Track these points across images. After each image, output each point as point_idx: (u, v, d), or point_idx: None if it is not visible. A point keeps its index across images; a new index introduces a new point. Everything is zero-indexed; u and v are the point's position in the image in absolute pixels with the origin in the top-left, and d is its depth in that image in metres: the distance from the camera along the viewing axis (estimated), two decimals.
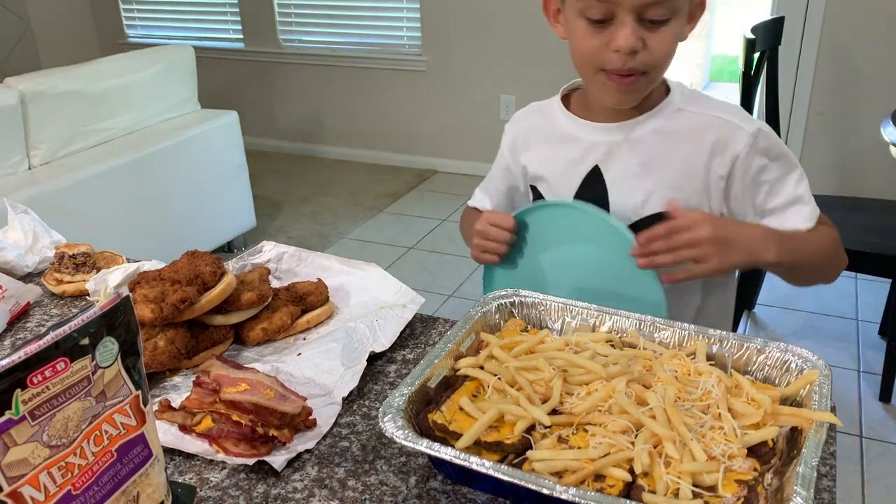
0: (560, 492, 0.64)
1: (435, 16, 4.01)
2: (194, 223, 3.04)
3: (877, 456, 2.04)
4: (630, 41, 0.93)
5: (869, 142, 3.20)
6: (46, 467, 0.57)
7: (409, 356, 1.02)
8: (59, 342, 0.56)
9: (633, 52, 0.94)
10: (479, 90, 4.05)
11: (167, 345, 0.96)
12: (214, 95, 3.91)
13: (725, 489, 0.68)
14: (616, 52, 0.95)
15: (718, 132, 1.03)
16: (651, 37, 0.94)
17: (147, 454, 0.67)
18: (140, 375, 0.66)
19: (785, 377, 0.83)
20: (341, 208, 3.84)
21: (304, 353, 1.00)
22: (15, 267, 1.26)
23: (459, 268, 3.14)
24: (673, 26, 0.95)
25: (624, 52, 0.94)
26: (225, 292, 1.02)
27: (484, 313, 0.95)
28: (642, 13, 0.93)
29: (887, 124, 2.22)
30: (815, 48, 3.27)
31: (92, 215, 2.58)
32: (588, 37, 0.97)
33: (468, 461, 0.68)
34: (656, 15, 0.93)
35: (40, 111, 2.53)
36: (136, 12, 4.86)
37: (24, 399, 0.55)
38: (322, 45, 4.41)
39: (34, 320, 1.14)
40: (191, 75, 3.16)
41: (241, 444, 0.81)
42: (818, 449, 0.68)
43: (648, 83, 1.00)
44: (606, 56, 0.96)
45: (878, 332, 2.57)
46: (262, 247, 1.25)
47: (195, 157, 3.02)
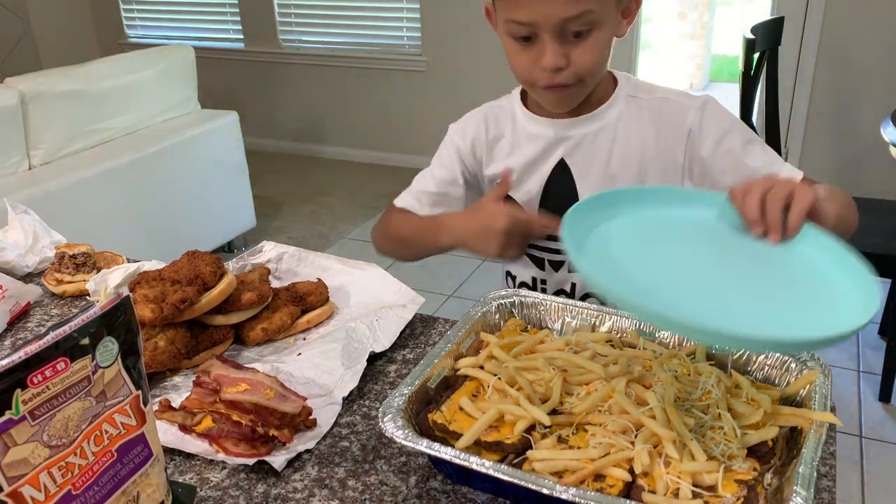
0: (560, 492, 0.64)
1: (435, 16, 4.01)
2: (194, 223, 3.04)
3: (877, 456, 2.04)
4: (552, 60, 0.96)
5: (869, 142, 3.20)
6: (46, 467, 0.57)
7: (409, 356, 1.02)
8: (59, 342, 0.56)
9: (558, 70, 0.97)
10: (479, 90, 4.04)
11: (167, 345, 0.96)
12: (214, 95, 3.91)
13: (725, 489, 0.68)
14: (542, 70, 0.98)
15: (669, 112, 1.07)
16: (575, 51, 0.97)
17: (147, 454, 0.67)
18: (140, 375, 0.66)
19: (785, 377, 0.83)
20: (341, 208, 3.84)
21: (304, 353, 1.00)
22: (15, 267, 1.26)
23: (459, 268, 3.14)
24: (597, 36, 0.97)
25: (549, 70, 0.97)
26: (225, 292, 1.02)
27: (484, 313, 0.95)
28: (563, 30, 0.95)
29: (887, 124, 2.22)
30: (815, 48, 3.27)
31: (92, 215, 2.58)
32: (517, 55, 1.01)
33: (468, 461, 0.68)
34: (577, 27, 0.95)
35: (40, 111, 2.53)
36: (136, 12, 4.86)
37: (25, 399, 0.55)
38: (322, 45, 4.41)
39: (34, 320, 1.14)
40: (191, 75, 3.16)
41: (241, 444, 0.81)
42: (818, 449, 0.68)
43: (582, 89, 1.03)
44: (536, 73, 0.99)
45: (878, 332, 2.57)
46: (262, 247, 1.25)
47: (195, 158, 3.02)
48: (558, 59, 0.96)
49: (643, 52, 3.89)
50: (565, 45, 0.96)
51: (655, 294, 0.71)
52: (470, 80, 4.05)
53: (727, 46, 6.09)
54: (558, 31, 0.95)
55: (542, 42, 0.96)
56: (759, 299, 0.74)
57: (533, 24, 0.95)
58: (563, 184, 1.10)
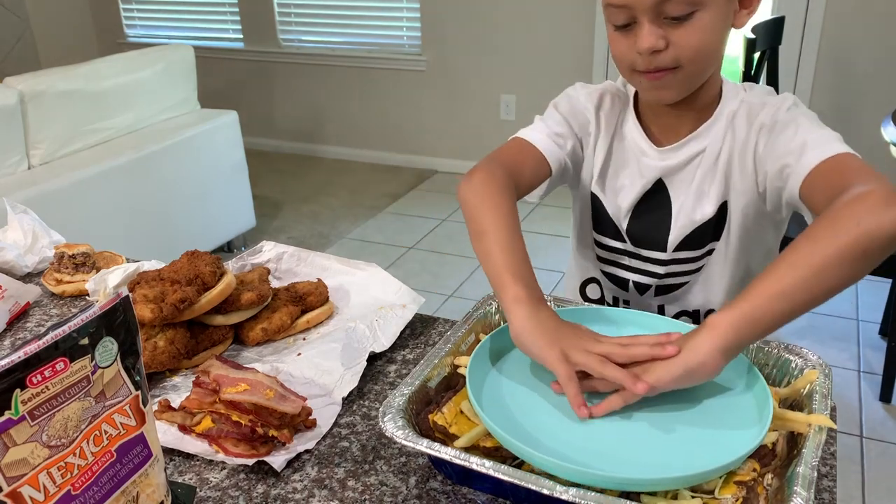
0: (560, 492, 0.64)
1: (435, 16, 4.01)
2: (194, 223, 3.04)
3: (877, 456, 2.04)
4: (648, 42, 0.91)
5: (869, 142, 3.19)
6: (46, 467, 0.57)
7: (409, 356, 1.02)
8: (58, 342, 0.56)
9: (655, 52, 0.92)
10: (479, 90, 4.05)
11: (167, 345, 0.96)
12: (214, 95, 3.91)
13: (725, 490, 0.68)
14: (639, 53, 0.94)
15: (748, 115, 1.01)
16: (675, 33, 0.92)
17: (147, 454, 0.66)
18: (140, 375, 0.66)
19: (785, 377, 0.83)
20: (341, 208, 3.84)
21: (303, 353, 1.00)
22: (14, 267, 1.26)
23: (459, 268, 3.14)
24: (701, 18, 0.91)
25: (645, 53, 0.93)
26: (225, 292, 1.02)
27: (484, 313, 0.95)
28: (660, 11, 0.91)
29: (887, 124, 2.22)
30: (815, 48, 3.27)
31: (91, 215, 2.58)
32: (617, 42, 0.97)
33: (468, 461, 0.68)
34: (676, 11, 0.91)
35: (40, 111, 2.53)
36: (135, 12, 4.86)
37: (24, 399, 0.54)
38: (322, 45, 4.41)
39: (34, 320, 1.14)
40: (191, 75, 3.16)
41: (240, 445, 0.81)
42: (818, 449, 0.68)
43: (685, 77, 0.97)
44: (634, 58, 0.95)
45: (879, 332, 2.57)
46: (262, 247, 1.25)
47: (195, 157, 3.02)
48: (656, 41, 0.91)
49: None
50: (666, 27, 0.92)
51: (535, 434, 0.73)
52: (470, 80, 4.05)
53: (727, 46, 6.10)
54: (655, 13, 0.90)
55: (639, 25, 0.92)
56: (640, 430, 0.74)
57: (629, 6, 0.91)
58: (659, 203, 1.07)
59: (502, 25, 3.84)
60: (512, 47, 3.86)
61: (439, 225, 3.58)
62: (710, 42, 0.94)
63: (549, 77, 3.81)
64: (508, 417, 0.76)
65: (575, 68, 3.71)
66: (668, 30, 0.92)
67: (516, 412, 0.76)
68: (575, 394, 0.75)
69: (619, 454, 0.70)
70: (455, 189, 1.04)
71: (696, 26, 0.92)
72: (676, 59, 0.93)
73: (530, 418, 0.75)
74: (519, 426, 0.74)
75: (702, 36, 0.92)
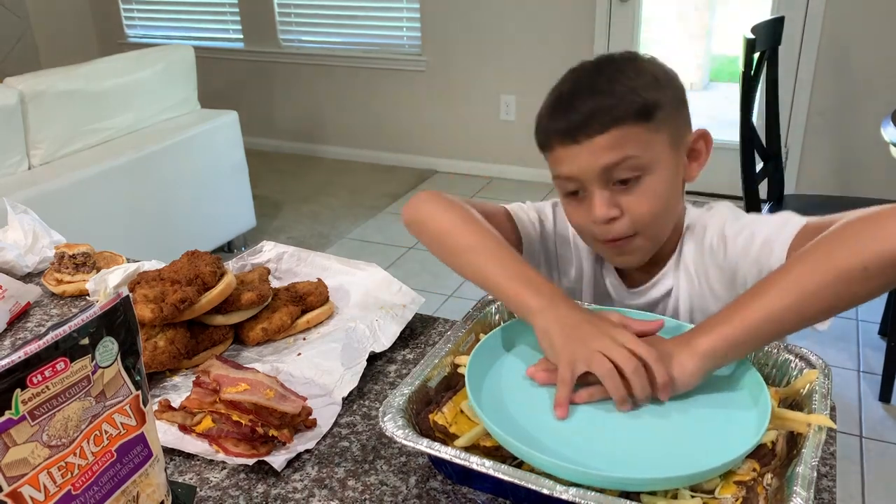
0: (560, 492, 0.64)
1: (435, 16, 4.01)
2: (194, 223, 3.04)
3: (877, 456, 2.04)
4: (601, 211, 0.90)
5: (869, 142, 3.20)
6: (46, 467, 0.57)
7: (409, 356, 1.02)
8: (58, 342, 0.56)
9: (611, 220, 0.91)
10: (479, 90, 4.05)
11: (167, 345, 0.96)
12: (214, 95, 3.91)
13: (725, 490, 0.68)
14: (595, 223, 0.93)
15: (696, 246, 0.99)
16: (626, 200, 0.91)
17: (147, 454, 0.67)
18: (140, 375, 0.66)
19: (785, 377, 0.83)
20: (341, 208, 3.84)
21: (303, 353, 1.00)
22: (15, 267, 1.26)
23: None
24: (649, 183, 0.90)
25: (600, 222, 0.91)
26: (225, 292, 1.02)
27: (484, 313, 0.95)
28: (608, 178, 0.90)
29: (887, 124, 2.22)
30: (815, 48, 3.27)
31: (91, 215, 2.58)
32: (573, 212, 0.96)
33: (468, 460, 0.68)
34: (623, 175, 0.89)
35: (40, 111, 2.53)
36: (135, 12, 4.86)
37: (24, 399, 0.55)
38: (322, 45, 4.41)
39: (34, 320, 1.14)
40: (191, 75, 3.15)
41: (241, 444, 0.81)
42: (818, 449, 0.68)
43: (645, 241, 0.95)
44: (592, 228, 0.94)
45: (878, 332, 2.57)
46: (262, 247, 1.25)
47: (195, 157, 3.02)
48: (608, 209, 0.90)
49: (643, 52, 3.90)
50: (616, 194, 0.91)
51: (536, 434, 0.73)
52: (470, 80, 4.05)
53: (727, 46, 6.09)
54: (603, 180, 0.90)
55: (589, 195, 0.91)
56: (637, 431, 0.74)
57: (576, 177, 0.91)
58: None
59: (502, 25, 3.84)
60: (512, 47, 3.86)
61: None
62: (662, 205, 0.93)
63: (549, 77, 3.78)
64: (508, 417, 0.76)
65: None
66: (619, 197, 0.91)
67: (515, 412, 0.76)
68: (563, 396, 0.75)
69: (619, 454, 0.70)
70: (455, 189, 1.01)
71: (646, 192, 0.90)
72: (633, 227, 0.92)
73: (530, 418, 0.75)
74: (518, 426, 0.74)
75: (653, 201, 0.91)
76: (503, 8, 3.80)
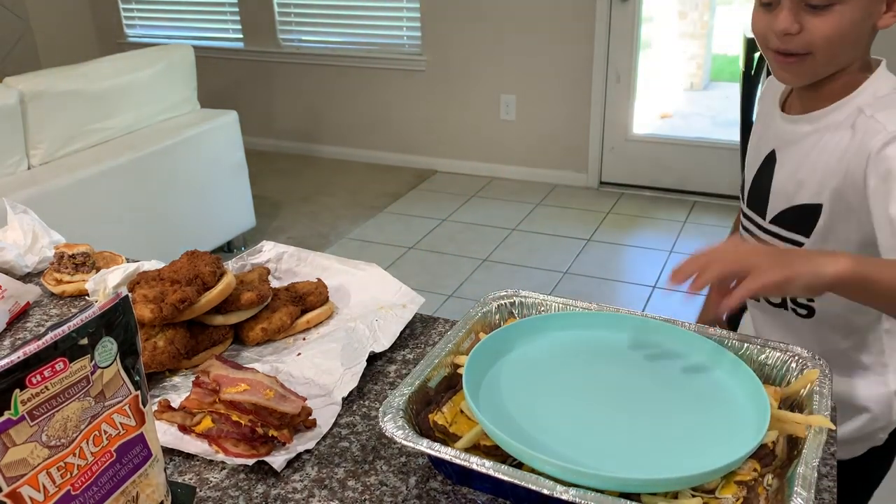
0: (560, 492, 0.64)
1: (435, 16, 4.01)
2: (194, 223, 3.04)
3: None
4: (783, 24, 0.96)
5: None
6: (45, 467, 0.57)
7: (409, 356, 1.02)
8: (57, 342, 0.56)
9: (788, 35, 0.96)
10: (479, 90, 4.05)
11: (167, 345, 0.96)
12: (214, 95, 3.91)
13: (726, 490, 0.68)
14: (775, 33, 0.98)
15: (864, 130, 0.99)
16: (811, 21, 0.95)
17: (146, 454, 0.66)
18: (139, 375, 0.66)
19: (785, 377, 0.83)
20: (341, 208, 3.84)
21: (303, 353, 1.00)
22: (14, 267, 1.26)
23: (459, 268, 3.14)
24: (840, 12, 0.94)
25: (779, 34, 0.97)
26: (224, 292, 1.02)
27: (484, 313, 0.95)
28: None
29: None
30: None
31: (91, 215, 2.58)
32: (758, 18, 1.02)
33: (468, 461, 0.68)
34: (816, 1, 0.94)
35: (40, 111, 2.53)
36: (135, 12, 4.86)
37: (23, 399, 0.54)
38: (322, 44, 4.41)
39: (33, 320, 1.14)
40: (190, 75, 3.15)
41: (240, 445, 0.81)
42: (818, 449, 0.68)
43: (814, 64, 0.99)
44: (770, 36, 1.00)
45: None
46: (262, 247, 1.25)
47: (195, 157, 3.02)
48: (790, 24, 0.95)
49: (643, 52, 3.89)
50: (803, 13, 0.95)
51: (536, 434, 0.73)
52: (470, 80, 4.04)
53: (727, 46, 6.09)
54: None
55: (780, 7, 0.97)
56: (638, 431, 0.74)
57: None
58: (765, 175, 1.11)
59: (502, 25, 3.84)
60: (512, 47, 3.86)
61: (439, 225, 3.58)
62: (843, 34, 0.96)
63: (549, 77, 3.81)
64: (507, 418, 0.75)
65: (574, 68, 3.71)
66: (806, 16, 0.95)
67: (515, 412, 0.76)
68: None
69: (619, 455, 0.70)
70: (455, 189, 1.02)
71: (832, 17, 0.94)
72: (807, 46, 0.97)
73: (529, 418, 0.75)
74: (517, 427, 0.74)
75: (836, 27, 0.95)
76: (503, 8, 3.80)
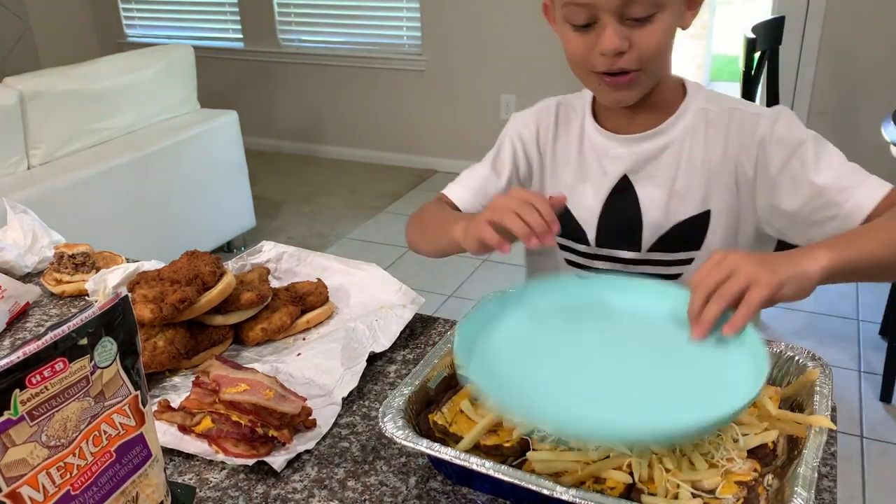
0: (560, 492, 0.64)
1: (435, 16, 4.01)
2: (194, 223, 3.04)
3: (878, 456, 2.04)
4: (613, 43, 0.91)
5: (869, 142, 3.19)
6: (45, 468, 0.57)
7: (409, 356, 1.01)
8: (57, 342, 0.56)
9: (619, 54, 0.93)
10: (479, 90, 4.05)
11: (166, 345, 0.96)
12: (214, 95, 3.91)
13: (726, 490, 0.67)
14: (602, 54, 0.93)
15: (740, 124, 1.01)
16: (637, 34, 0.92)
17: (146, 454, 0.66)
18: (139, 375, 0.66)
19: (785, 377, 0.83)
20: (341, 208, 3.83)
21: (303, 353, 1.00)
22: (14, 267, 1.26)
23: (459, 268, 3.14)
24: (661, 20, 0.92)
25: (609, 54, 0.92)
26: (224, 292, 1.02)
27: None
28: (623, 12, 0.91)
29: (887, 124, 2.22)
30: (815, 48, 3.27)
31: (91, 215, 2.58)
32: (574, 41, 0.96)
33: (468, 461, 0.68)
34: (639, 13, 0.90)
35: (39, 111, 2.53)
36: (135, 12, 4.86)
37: (23, 399, 0.54)
38: (322, 44, 4.41)
39: (33, 320, 1.14)
40: (190, 75, 3.15)
41: (240, 445, 0.81)
42: (819, 449, 0.68)
43: (646, 78, 0.97)
44: (594, 59, 0.95)
45: (879, 332, 2.57)
46: (262, 247, 1.25)
47: (195, 157, 3.02)
48: (621, 42, 0.91)
49: None
50: (627, 29, 0.92)
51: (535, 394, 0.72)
52: (470, 80, 4.04)
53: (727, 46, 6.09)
54: (619, 12, 0.90)
55: (601, 26, 0.92)
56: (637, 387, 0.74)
57: (594, 4, 0.91)
58: (625, 205, 1.06)
59: (502, 25, 3.84)
60: (512, 47, 3.86)
61: None
62: (667, 42, 0.96)
63: (549, 77, 3.80)
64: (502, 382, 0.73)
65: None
66: (631, 31, 0.92)
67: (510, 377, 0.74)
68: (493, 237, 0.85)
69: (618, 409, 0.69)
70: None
71: (656, 27, 0.93)
72: (639, 61, 0.94)
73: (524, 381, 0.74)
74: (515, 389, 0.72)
75: (663, 38, 0.94)
76: (503, 8, 3.80)
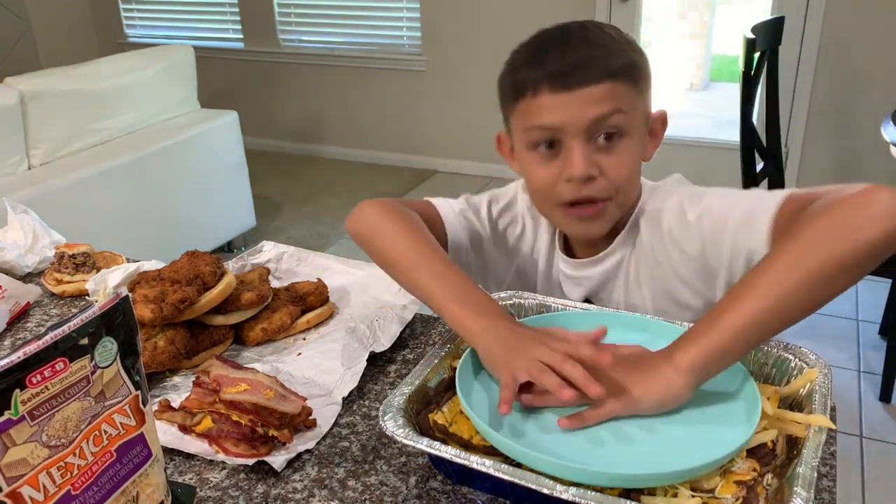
0: (560, 491, 0.64)
1: (435, 16, 4.01)
2: (194, 223, 3.04)
3: (877, 456, 2.04)
4: (581, 168, 0.86)
5: (869, 142, 3.19)
6: (46, 467, 0.57)
7: (409, 356, 1.02)
8: (58, 342, 0.56)
9: (588, 180, 0.87)
10: (479, 90, 4.05)
11: (167, 345, 0.96)
12: (214, 95, 3.91)
13: (725, 490, 0.68)
14: (569, 181, 0.87)
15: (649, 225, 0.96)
16: (607, 160, 0.87)
17: (146, 454, 0.66)
18: (139, 375, 0.66)
19: (784, 377, 0.83)
20: (341, 208, 3.83)
21: (303, 353, 1.00)
22: (15, 267, 1.26)
23: None
24: (627, 144, 0.88)
25: (577, 180, 0.87)
26: (225, 292, 1.02)
27: None
28: (592, 134, 0.86)
29: (887, 124, 2.22)
30: (815, 48, 3.27)
31: (91, 215, 2.58)
32: (538, 168, 0.90)
33: (468, 460, 0.68)
34: (607, 129, 0.86)
35: (40, 111, 2.53)
36: (136, 12, 4.86)
37: (24, 399, 0.54)
38: (322, 45, 4.41)
39: (34, 320, 1.14)
40: (190, 75, 3.16)
41: (240, 445, 0.81)
42: (818, 449, 0.68)
43: (615, 208, 0.92)
44: (560, 188, 0.89)
45: (879, 332, 2.57)
46: (262, 247, 1.25)
47: (195, 157, 3.02)
48: (589, 167, 0.85)
49: None
50: (595, 153, 0.87)
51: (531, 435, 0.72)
52: (470, 80, 4.04)
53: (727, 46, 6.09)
54: (587, 134, 0.85)
55: (567, 149, 0.86)
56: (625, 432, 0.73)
57: (560, 128, 0.86)
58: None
59: (502, 25, 3.84)
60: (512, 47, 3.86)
61: None
62: (635, 171, 0.91)
63: None
64: (501, 419, 0.75)
65: None
66: (598, 156, 0.87)
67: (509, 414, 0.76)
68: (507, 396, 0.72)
69: (612, 452, 0.70)
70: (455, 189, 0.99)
71: (622, 153, 0.88)
72: (608, 189, 0.89)
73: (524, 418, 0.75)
74: (512, 427, 0.74)
75: (630, 165, 0.89)
76: (503, 8, 3.80)
